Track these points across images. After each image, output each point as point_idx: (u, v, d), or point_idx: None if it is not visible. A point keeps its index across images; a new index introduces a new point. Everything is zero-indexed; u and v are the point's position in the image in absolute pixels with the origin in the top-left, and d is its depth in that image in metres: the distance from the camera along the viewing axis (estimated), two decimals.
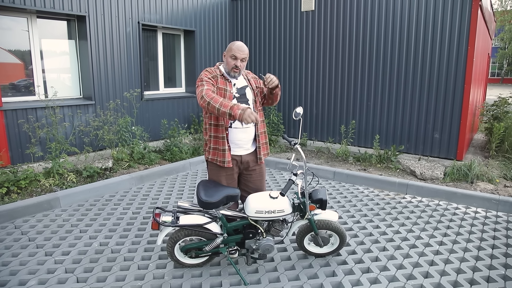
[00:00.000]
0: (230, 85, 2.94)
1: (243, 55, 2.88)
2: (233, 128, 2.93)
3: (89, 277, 2.93)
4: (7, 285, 2.82)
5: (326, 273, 3.03)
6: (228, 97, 2.88)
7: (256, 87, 3.10)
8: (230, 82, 2.96)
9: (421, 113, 6.13)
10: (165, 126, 6.88)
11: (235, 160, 2.99)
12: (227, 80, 2.96)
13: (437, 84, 5.91)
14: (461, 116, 5.79)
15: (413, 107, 6.18)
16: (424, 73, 6.00)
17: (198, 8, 7.46)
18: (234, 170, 3.02)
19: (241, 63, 2.90)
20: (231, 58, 2.88)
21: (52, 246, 3.43)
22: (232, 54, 2.86)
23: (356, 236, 3.69)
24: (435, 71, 5.90)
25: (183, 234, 2.89)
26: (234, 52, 2.86)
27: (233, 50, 2.87)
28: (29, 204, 4.13)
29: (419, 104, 6.12)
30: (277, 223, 2.92)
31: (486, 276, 3.00)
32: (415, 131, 6.25)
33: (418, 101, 6.12)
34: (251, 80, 3.11)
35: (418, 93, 6.10)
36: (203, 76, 2.88)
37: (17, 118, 5.12)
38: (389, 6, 6.15)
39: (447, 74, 5.80)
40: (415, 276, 2.99)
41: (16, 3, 4.92)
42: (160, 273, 2.99)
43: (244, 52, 2.89)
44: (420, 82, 6.06)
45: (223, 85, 2.91)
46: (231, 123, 2.91)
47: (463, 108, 5.77)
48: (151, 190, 5.02)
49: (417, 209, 4.42)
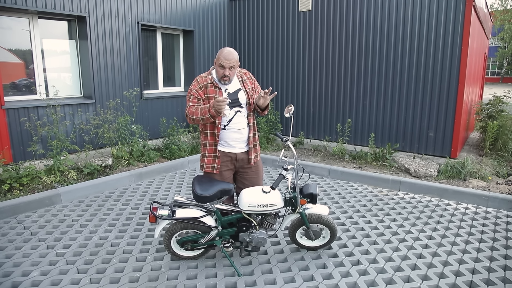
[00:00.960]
0: (220, 93, 2.98)
1: (230, 64, 2.85)
2: (226, 130, 3.03)
3: (89, 269, 3.05)
4: (11, 275, 2.94)
5: (317, 265, 3.14)
6: None
7: (251, 89, 3.12)
8: (220, 89, 2.99)
9: (416, 112, 6.23)
10: (164, 124, 7.00)
11: (230, 157, 3.11)
12: (217, 87, 2.99)
13: (432, 83, 6.02)
14: (455, 114, 5.90)
15: (408, 106, 6.28)
16: (419, 72, 6.10)
17: (197, 9, 7.57)
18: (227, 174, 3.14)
19: (229, 71, 2.89)
20: (219, 67, 2.89)
21: (54, 240, 3.55)
22: (220, 63, 2.86)
23: (348, 231, 3.80)
24: (429, 70, 6.00)
25: (179, 227, 3.01)
26: (221, 62, 2.85)
27: (220, 59, 2.85)
28: (31, 200, 4.25)
29: (414, 103, 6.23)
30: (269, 216, 3.04)
31: (471, 268, 3.11)
32: (410, 130, 6.35)
33: (413, 100, 6.22)
34: (246, 81, 3.11)
35: (413, 92, 6.21)
36: (192, 88, 3.01)
37: (19, 117, 5.24)
38: (384, 6, 6.25)
39: (442, 73, 5.91)
40: (403, 268, 3.10)
41: (18, 4, 5.03)
42: (158, 265, 3.11)
43: (231, 61, 2.85)
44: (415, 81, 6.17)
45: (213, 93, 2.98)
46: (224, 125, 3.02)
47: (457, 106, 5.87)
48: (150, 187, 5.14)
49: (409, 205, 4.53)
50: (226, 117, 2.98)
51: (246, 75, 3.19)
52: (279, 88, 7.77)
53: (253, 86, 3.16)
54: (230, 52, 2.87)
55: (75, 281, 2.89)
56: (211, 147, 3.09)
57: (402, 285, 2.87)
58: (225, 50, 2.89)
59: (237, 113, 3.02)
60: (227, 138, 3.05)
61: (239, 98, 3.03)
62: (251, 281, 2.90)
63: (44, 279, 2.89)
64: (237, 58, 2.92)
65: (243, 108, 3.05)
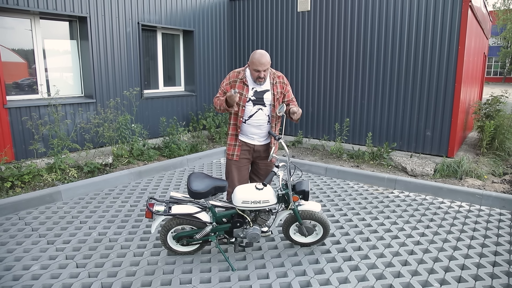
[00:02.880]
0: (247, 90, 3.23)
1: (264, 68, 3.07)
2: (246, 124, 3.31)
3: (87, 263, 3.14)
4: (12, 269, 3.04)
5: (309, 261, 3.21)
6: (243, 101, 3.23)
7: (279, 92, 3.32)
8: (248, 87, 3.22)
9: (413, 111, 6.29)
10: (164, 124, 7.08)
11: (248, 147, 3.38)
12: (245, 84, 3.22)
13: (429, 83, 6.08)
14: (452, 114, 5.95)
15: (406, 106, 6.34)
16: (416, 72, 6.16)
17: (197, 9, 7.65)
18: (244, 161, 3.43)
19: (264, 73, 3.12)
20: (254, 70, 3.11)
21: (54, 236, 3.64)
22: (254, 68, 3.07)
23: (342, 228, 3.87)
24: (426, 70, 6.06)
25: (175, 223, 3.09)
26: (255, 67, 3.07)
27: (254, 63, 3.07)
28: (32, 197, 4.35)
29: (411, 102, 6.28)
30: (263, 213, 3.11)
31: (461, 264, 3.17)
32: (407, 129, 6.41)
33: (411, 99, 6.28)
34: (276, 84, 3.31)
35: (410, 92, 6.27)
36: (224, 81, 3.33)
37: (21, 116, 5.34)
38: (382, 7, 6.31)
39: (439, 73, 5.96)
40: (393, 264, 3.17)
41: (20, 5, 5.13)
42: (154, 260, 3.19)
43: (265, 65, 3.07)
44: (412, 81, 6.23)
45: (241, 89, 3.23)
46: (245, 119, 3.29)
47: (454, 106, 5.92)
48: (149, 185, 5.22)
49: (403, 203, 4.60)
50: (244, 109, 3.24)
51: (279, 78, 3.37)
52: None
53: (282, 90, 3.36)
54: (262, 56, 3.07)
55: (74, 274, 2.98)
56: (232, 136, 3.41)
57: (392, 280, 2.93)
58: (257, 53, 3.09)
59: (258, 111, 3.28)
60: (246, 131, 3.36)
61: (264, 98, 3.27)
62: (244, 275, 2.98)
63: (44, 273, 2.98)
64: (269, 60, 3.13)
65: (265, 107, 3.28)
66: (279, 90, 3.31)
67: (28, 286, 2.83)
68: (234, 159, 3.40)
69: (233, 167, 3.43)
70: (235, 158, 3.40)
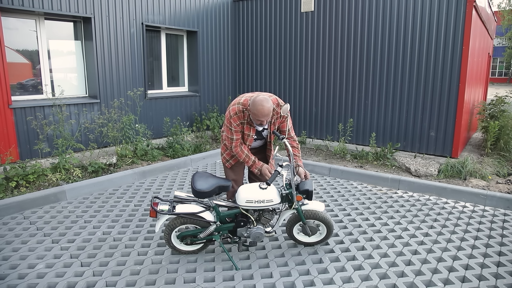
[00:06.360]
0: (253, 130, 3.31)
1: (268, 119, 3.06)
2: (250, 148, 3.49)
3: (92, 262, 3.16)
4: (17, 268, 3.06)
5: (313, 260, 3.21)
6: (249, 141, 3.34)
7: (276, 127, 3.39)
8: (254, 127, 3.28)
9: (417, 112, 6.28)
10: (168, 124, 7.11)
11: None
12: (252, 126, 3.28)
13: (433, 84, 6.06)
14: (456, 114, 5.93)
15: (410, 106, 6.33)
16: (420, 72, 6.15)
17: (201, 9, 7.67)
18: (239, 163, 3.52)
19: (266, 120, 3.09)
20: (256, 119, 3.08)
21: (59, 235, 3.66)
22: (257, 118, 3.03)
23: (345, 228, 3.87)
24: (430, 70, 6.04)
25: (179, 222, 3.10)
26: (258, 117, 3.01)
27: (257, 115, 2.99)
28: (37, 197, 4.38)
29: (415, 103, 6.27)
30: (266, 212, 3.12)
31: (465, 264, 3.16)
32: (411, 129, 6.40)
33: (415, 100, 6.27)
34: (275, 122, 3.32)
35: (414, 92, 6.25)
36: (233, 121, 3.20)
37: (25, 116, 5.37)
38: (386, 7, 6.31)
39: (443, 73, 5.95)
40: (397, 264, 3.16)
41: (25, 6, 5.17)
42: (158, 259, 3.21)
43: (269, 116, 3.01)
44: (416, 82, 6.21)
45: (247, 131, 3.30)
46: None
47: (458, 106, 5.90)
48: (153, 185, 5.24)
49: (407, 204, 4.59)
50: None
51: (277, 114, 3.31)
52: (282, 88, 7.86)
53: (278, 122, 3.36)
54: (264, 107, 2.95)
55: (79, 273, 2.99)
56: (228, 155, 3.56)
57: (395, 280, 2.93)
58: (258, 105, 2.96)
59: (257, 141, 3.47)
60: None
61: (263, 134, 3.43)
62: (248, 274, 2.98)
63: (49, 271, 3.00)
64: (271, 107, 3.02)
65: (263, 139, 3.49)
66: (276, 126, 3.38)
67: (33, 284, 2.85)
68: (227, 165, 3.57)
69: (227, 169, 3.60)
70: (227, 165, 3.57)
